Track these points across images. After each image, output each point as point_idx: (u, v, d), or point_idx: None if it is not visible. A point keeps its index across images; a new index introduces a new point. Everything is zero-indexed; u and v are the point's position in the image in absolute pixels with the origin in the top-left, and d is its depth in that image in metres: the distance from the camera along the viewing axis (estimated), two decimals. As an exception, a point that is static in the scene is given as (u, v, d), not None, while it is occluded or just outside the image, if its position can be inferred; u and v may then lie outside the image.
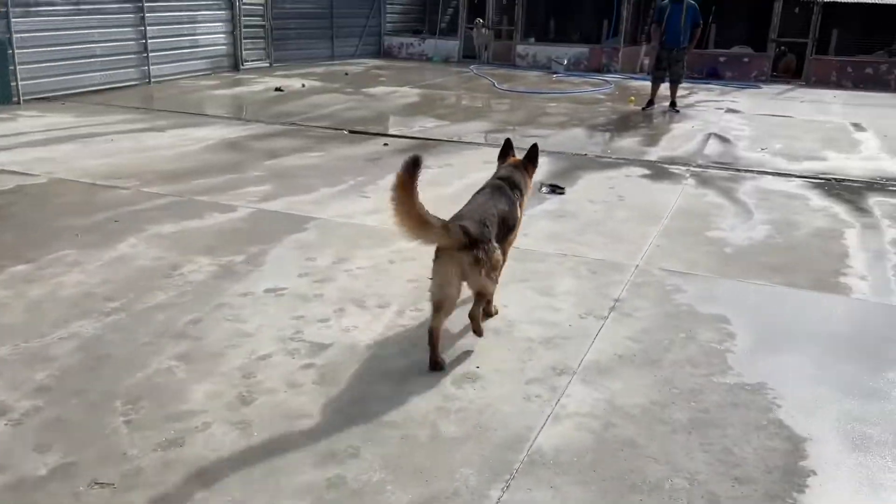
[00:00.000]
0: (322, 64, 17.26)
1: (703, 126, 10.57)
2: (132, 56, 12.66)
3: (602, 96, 13.55)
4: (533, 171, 4.06)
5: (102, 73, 12.04)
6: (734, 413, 3.00)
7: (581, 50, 18.03)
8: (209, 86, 13.12)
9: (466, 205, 3.57)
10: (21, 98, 10.46)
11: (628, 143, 9.45)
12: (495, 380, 3.21)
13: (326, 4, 17.94)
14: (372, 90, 13.36)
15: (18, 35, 10.40)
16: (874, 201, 6.74)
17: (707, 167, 8.04)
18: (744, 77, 16.77)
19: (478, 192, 3.77)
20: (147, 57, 12.85)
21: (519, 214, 3.78)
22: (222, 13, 14.81)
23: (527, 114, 11.52)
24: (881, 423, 2.99)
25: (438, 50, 19.22)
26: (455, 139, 9.12)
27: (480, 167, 7.54)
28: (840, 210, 6.39)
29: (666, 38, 11.43)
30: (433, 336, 3.24)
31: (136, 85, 12.65)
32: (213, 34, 14.62)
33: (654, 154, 8.68)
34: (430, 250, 3.25)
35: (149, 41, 12.81)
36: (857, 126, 10.99)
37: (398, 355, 3.39)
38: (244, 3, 15.41)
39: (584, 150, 8.71)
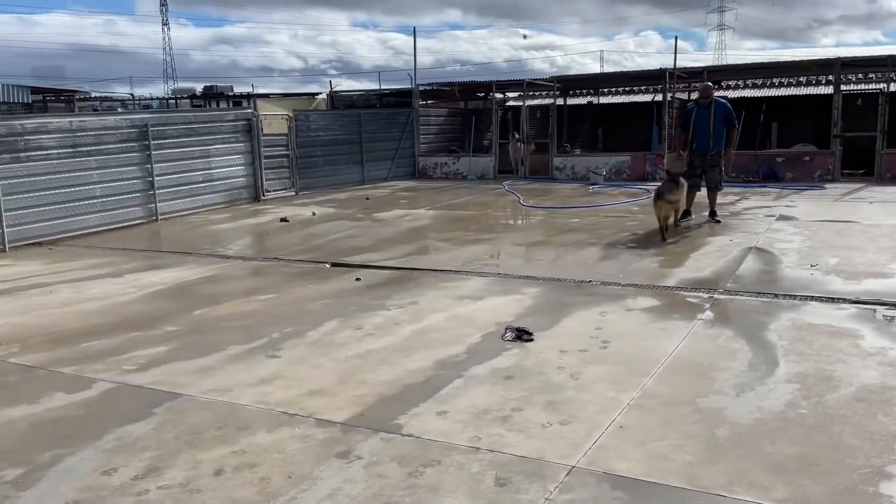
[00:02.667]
0: (350, 189, 16.70)
1: (746, 239, 9.00)
2: (137, 194, 12.28)
3: (637, 208, 12.17)
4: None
5: (103, 213, 11.62)
6: None
7: (622, 158, 16.85)
8: (217, 220, 12.55)
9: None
10: (7, 245, 10.02)
11: (648, 263, 8.00)
12: None
13: (354, 130, 17.62)
14: (384, 214, 12.47)
15: (4, 182, 10.10)
16: (953, 337, 5.02)
17: (736, 293, 6.49)
18: (806, 177, 15.07)
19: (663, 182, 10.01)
20: (154, 194, 12.47)
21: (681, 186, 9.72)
22: (240, 146, 14.51)
23: (544, 232, 10.28)
24: None
25: (473, 167, 18.45)
26: (443, 268, 7.92)
27: (449, 306, 6.30)
28: (902, 354, 4.72)
29: (695, 144, 10.20)
30: (662, 228, 9.21)
31: (141, 223, 12.20)
32: (229, 167, 14.26)
33: (674, 277, 7.19)
34: None
35: (156, 178, 12.46)
36: (938, 229, 9.17)
37: None
38: (265, 135, 15.17)
39: (590, 275, 7.31)
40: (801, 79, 20.67)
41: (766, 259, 7.98)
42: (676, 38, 16.35)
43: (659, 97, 17.29)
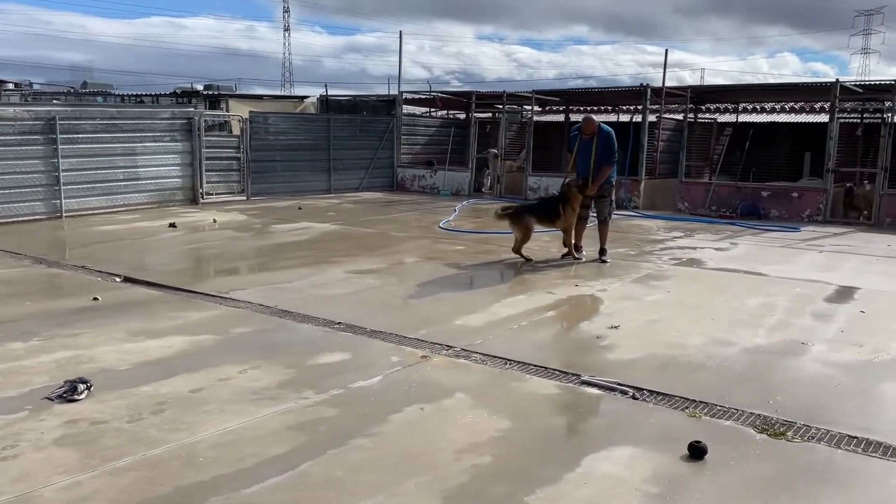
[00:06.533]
0: (309, 197, 15.92)
1: (597, 286, 7.50)
2: (38, 189, 11.95)
3: (548, 238, 10.63)
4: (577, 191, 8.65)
5: (-10, 206, 11.38)
6: None
7: (596, 182, 15.18)
8: (119, 220, 12.02)
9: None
10: None
11: (442, 305, 6.72)
12: None
13: (322, 136, 16.85)
14: (282, 227, 11.57)
15: None
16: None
17: (468, 354, 5.21)
18: (794, 216, 12.97)
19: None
20: (59, 190, 12.13)
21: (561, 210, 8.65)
22: (177, 145, 14.02)
23: (408, 256, 9.07)
24: None
25: (447, 182, 17.28)
26: (215, 293, 6.94)
27: (102, 342, 5.36)
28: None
29: (578, 173, 8.89)
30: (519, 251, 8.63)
31: (40, 220, 11.85)
32: (161, 166, 13.77)
33: (437, 326, 5.87)
34: None
35: (62, 174, 12.10)
36: (845, 292, 7.31)
37: None
38: (211, 135, 14.65)
39: (353, 315, 6.08)
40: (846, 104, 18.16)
41: (575, 312, 6.54)
42: (667, 51, 14.65)
43: (652, 117, 15.48)
